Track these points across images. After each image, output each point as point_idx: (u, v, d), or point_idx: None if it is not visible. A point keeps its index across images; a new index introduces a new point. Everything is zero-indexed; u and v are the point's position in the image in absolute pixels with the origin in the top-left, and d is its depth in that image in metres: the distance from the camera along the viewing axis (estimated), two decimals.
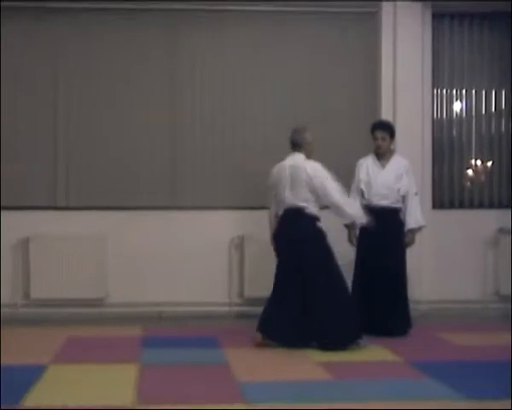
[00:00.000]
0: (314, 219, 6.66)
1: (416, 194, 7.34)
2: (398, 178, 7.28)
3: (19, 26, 8.22)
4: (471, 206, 8.75)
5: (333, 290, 6.59)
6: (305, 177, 6.62)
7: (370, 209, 7.10)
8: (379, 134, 7.31)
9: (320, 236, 6.67)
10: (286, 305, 6.57)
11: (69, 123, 8.29)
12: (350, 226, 7.25)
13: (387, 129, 7.37)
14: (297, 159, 6.76)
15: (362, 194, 7.32)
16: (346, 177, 7.06)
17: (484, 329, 7.55)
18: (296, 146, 6.81)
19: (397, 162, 7.36)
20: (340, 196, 6.64)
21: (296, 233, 6.64)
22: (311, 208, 6.65)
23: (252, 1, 8.32)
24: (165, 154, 8.35)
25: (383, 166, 7.32)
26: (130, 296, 8.18)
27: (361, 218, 6.83)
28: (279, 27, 8.46)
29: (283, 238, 6.72)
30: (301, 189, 6.63)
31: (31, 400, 4.92)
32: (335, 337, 6.49)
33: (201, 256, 8.24)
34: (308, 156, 6.78)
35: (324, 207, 6.71)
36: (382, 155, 7.33)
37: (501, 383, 5.34)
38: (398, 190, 7.25)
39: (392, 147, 7.44)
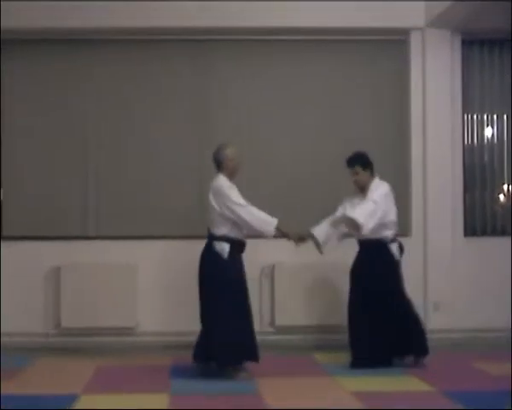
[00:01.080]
0: (217, 239, 6.58)
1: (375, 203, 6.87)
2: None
3: (44, 58, 8.33)
4: (503, 233, 8.66)
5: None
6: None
7: (360, 243, 7.04)
8: (350, 170, 7.06)
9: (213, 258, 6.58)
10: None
11: (99, 154, 8.35)
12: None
13: (355, 162, 7.03)
14: (216, 179, 6.65)
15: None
16: None
17: None
18: (217, 165, 6.70)
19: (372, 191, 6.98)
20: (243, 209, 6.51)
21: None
22: (217, 230, 6.58)
23: (280, 32, 8.34)
24: (195, 182, 8.36)
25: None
26: (160, 325, 8.16)
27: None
28: (308, 56, 8.47)
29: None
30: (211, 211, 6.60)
31: None
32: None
33: None
34: (231, 175, 6.65)
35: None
36: (363, 189, 7.04)
37: None
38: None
39: (372, 176, 7.06)
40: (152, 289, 8.20)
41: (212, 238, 6.62)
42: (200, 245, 8.18)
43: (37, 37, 8.25)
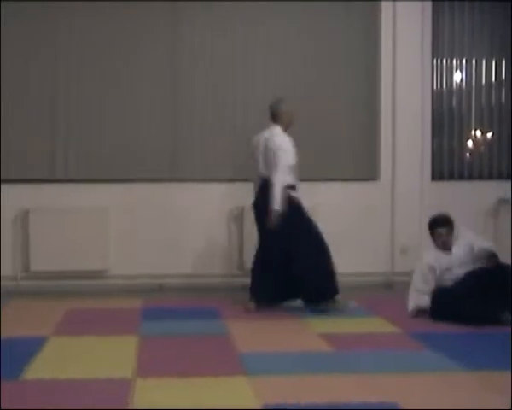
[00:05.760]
0: (286, 188, 6.75)
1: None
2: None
3: (19, 5, 8.15)
4: (471, 177, 8.75)
5: (311, 252, 6.84)
6: (274, 149, 6.77)
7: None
8: (437, 231, 6.87)
9: (293, 205, 6.78)
10: (272, 269, 6.91)
11: (69, 95, 8.24)
12: None
13: (446, 225, 6.89)
14: (273, 130, 6.92)
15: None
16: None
17: None
18: (273, 117, 6.96)
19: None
20: (280, 176, 6.69)
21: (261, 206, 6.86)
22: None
23: None
24: (166, 126, 8.31)
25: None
26: (130, 269, 8.20)
27: (276, 206, 6.70)
28: (283, 9, 8.40)
29: (260, 209, 6.88)
30: (271, 160, 6.77)
31: (31, 372, 4.95)
32: (315, 293, 6.91)
33: (201, 228, 8.26)
34: (285, 127, 6.94)
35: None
36: (449, 248, 6.85)
37: (501, 354, 5.37)
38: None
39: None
40: (123, 232, 8.21)
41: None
42: (170, 187, 8.24)
43: None
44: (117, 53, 8.28)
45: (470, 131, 8.79)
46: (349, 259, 8.29)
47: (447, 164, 8.73)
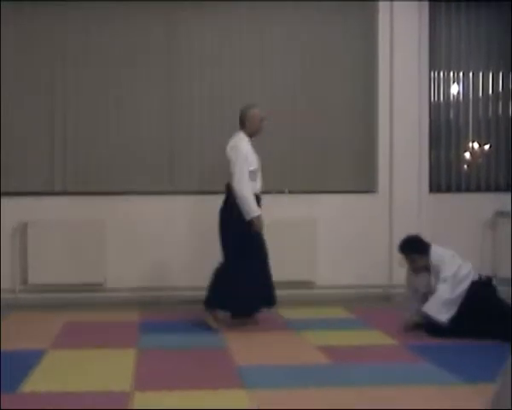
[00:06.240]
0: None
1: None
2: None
3: (18, 16, 8.17)
4: (468, 189, 8.77)
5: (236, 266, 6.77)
6: (231, 155, 6.73)
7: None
8: (404, 256, 6.76)
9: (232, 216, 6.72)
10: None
11: (66, 107, 8.26)
12: None
13: (411, 250, 6.71)
14: (236, 137, 6.86)
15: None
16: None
17: None
18: (240, 122, 6.88)
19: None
20: (237, 185, 6.62)
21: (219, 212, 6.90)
22: None
23: None
24: (163, 139, 8.34)
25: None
26: (128, 281, 8.19)
27: (247, 215, 6.64)
28: (280, 12, 8.44)
29: (220, 218, 6.93)
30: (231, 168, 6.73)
31: (30, 385, 4.95)
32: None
33: (199, 241, 8.25)
34: (251, 133, 6.83)
35: None
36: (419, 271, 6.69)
37: (499, 366, 5.36)
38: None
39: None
40: (120, 244, 8.21)
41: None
42: (168, 200, 8.25)
43: None
44: (115, 66, 8.30)
45: (468, 143, 8.82)
46: (347, 271, 8.33)
47: (445, 176, 8.74)
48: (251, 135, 6.85)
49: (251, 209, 6.64)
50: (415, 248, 6.69)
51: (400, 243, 6.80)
